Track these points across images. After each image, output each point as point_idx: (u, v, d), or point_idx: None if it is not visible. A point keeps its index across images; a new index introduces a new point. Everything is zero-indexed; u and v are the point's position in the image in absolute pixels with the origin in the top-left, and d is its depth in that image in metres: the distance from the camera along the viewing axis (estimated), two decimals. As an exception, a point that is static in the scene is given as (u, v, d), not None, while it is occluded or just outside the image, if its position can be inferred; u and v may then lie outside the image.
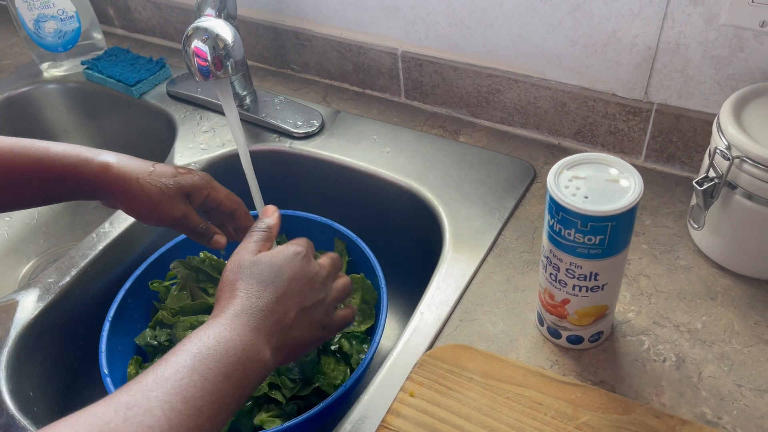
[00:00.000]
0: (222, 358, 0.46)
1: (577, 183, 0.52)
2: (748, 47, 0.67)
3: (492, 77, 0.85)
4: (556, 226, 0.52)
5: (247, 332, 0.49)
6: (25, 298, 0.73)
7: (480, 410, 0.55)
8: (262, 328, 0.50)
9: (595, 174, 0.52)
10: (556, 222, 0.52)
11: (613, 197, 0.50)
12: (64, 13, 1.04)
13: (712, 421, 0.55)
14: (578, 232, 0.51)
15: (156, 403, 0.40)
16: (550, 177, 0.52)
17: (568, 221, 0.51)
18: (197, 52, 0.67)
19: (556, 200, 0.50)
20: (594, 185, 0.51)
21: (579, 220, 0.50)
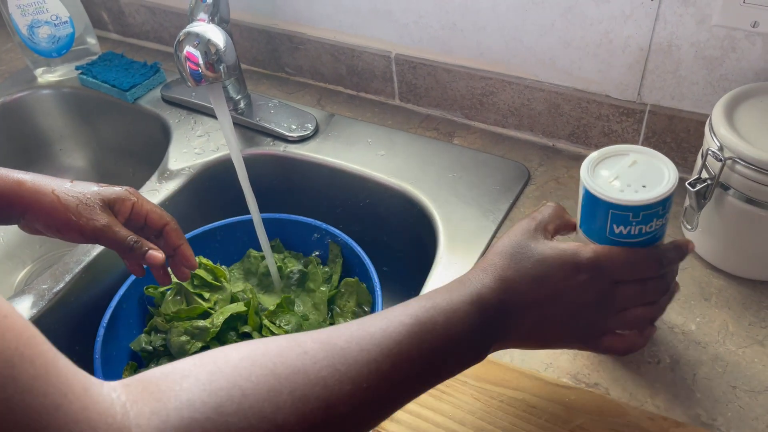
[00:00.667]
0: (443, 337, 0.43)
1: (610, 178, 0.49)
2: (740, 48, 0.67)
3: (486, 79, 0.85)
4: (635, 230, 0.48)
5: (474, 315, 0.45)
6: (18, 304, 0.72)
7: (474, 414, 0.55)
8: (503, 322, 0.47)
9: (620, 163, 0.50)
10: (635, 225, 0.48)
11: (654, 179, 0.48)
12: (58, 19, 1.04)
13: (707, 423, 0.55)
14: (658, 217, 0.48)
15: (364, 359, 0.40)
16: (590, 180, 0.49)
17: (650, 216, 0.48)
18: (189, 57, 0.66)
19: (635, 206, 0.47)
20: (627, 174, 0.49)
21: (660, 206, 0.47)
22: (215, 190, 0.91)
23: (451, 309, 0.45)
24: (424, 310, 0.44)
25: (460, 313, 0.45)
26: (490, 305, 0.46)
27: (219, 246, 0.83)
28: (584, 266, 0.47)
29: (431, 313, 0.44)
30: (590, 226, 0.51)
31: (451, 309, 0.45)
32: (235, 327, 0.72)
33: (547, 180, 0.80)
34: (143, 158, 1.06)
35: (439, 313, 0.44)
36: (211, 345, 0.69)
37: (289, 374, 0.37)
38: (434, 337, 0.43)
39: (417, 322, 0.43)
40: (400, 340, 0.42)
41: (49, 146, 1.14)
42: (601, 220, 0.49)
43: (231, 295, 0.78)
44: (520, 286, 0.47)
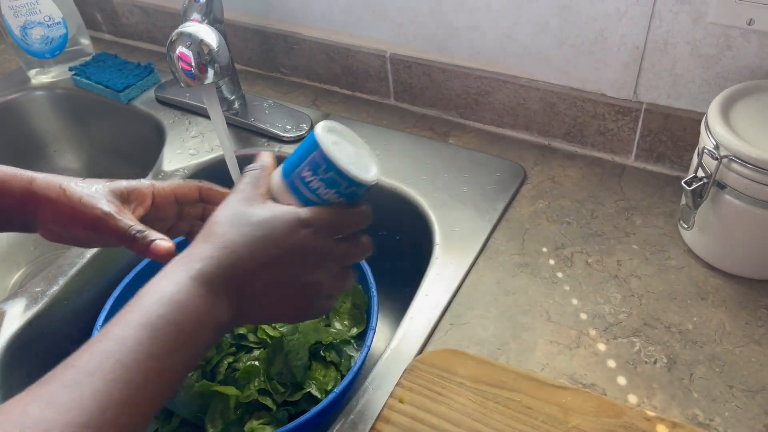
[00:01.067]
0: (175, 331, 0.41)
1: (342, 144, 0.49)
2: (735, 45, 0.67)
3: (481, 79, 0.84)
4: (314, 181, 0.47)
5: (207, 294, 0.43)
6: (12, 307, 0.72)
7: (470, 416, 0.55)
8: (226, 288, 0.44)
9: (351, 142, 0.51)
10: (318, 179, 0.47)
11: (366, 168, 0.49)
12: (51, 20, 1.04)
13: (704, 423, 0.55)
14: (337, 192, 0.48)
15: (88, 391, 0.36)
16: (322, 133, 0.48)
17: (334, 181, 0.47)
18: (182, 57, 0.66)
19: (332, 159, 0.46)
20: (349, 152, 0.49)
21: (346, 182, 0.47)
22: (210, 191, 0.90)
23: (179, 298, 0.42)
24: (154, 311, 0.41)
25: (189, 297, 0.42)
26: (216, 277, 0.44)
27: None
28: (306, 221, 0.47)
29: (161, 311, 0.41)
30: (291, 160, 0.50)
31: (179, 298, 0.42)
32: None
33: (542, 179, 0.80)
34: (137, 159, 1.06)
35: (168, 307, 0.42)
36: (205, 347, 0.69)
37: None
38: (169, 338, 0.41)
39: (150, 330, 0.40)
40: (131, 362, 0.39)
41: (43, 148, 1.14)
42: (301, 157, 0.48)
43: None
44: (245, 249, 0.45)
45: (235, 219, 0.47)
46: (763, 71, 0.67)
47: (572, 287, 0.67)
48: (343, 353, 0.74)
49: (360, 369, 0.66)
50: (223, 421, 0.66)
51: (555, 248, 0.71)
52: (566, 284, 0.67)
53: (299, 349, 0.68)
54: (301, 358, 0.68)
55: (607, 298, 0.65)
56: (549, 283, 0.67)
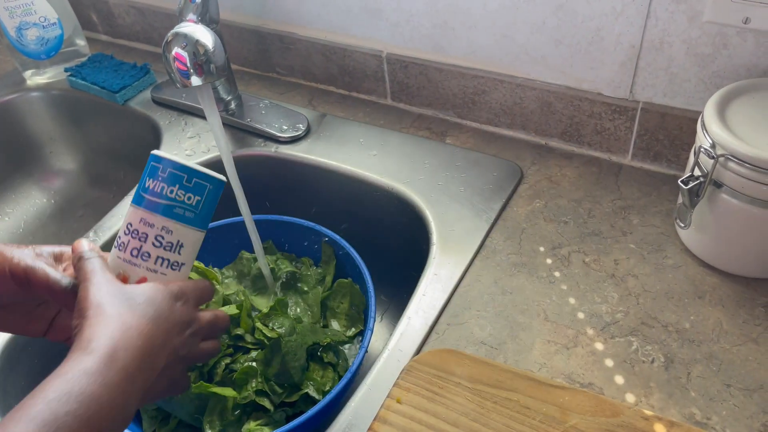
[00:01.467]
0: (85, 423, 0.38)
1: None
2: (731, 44, 0.67)
3: (477, 78, 0.84)
4: (157, 186, 0.50)
5: (121, 381, 0.41)
6: (8, 310, 0.72)
7: (468, 416, 0.55)
8: (136, 372, 0.42)
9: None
10: (161, 181, 0.50)
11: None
12: (46, 20, 1.04)
13: (701, 422, 0.55)
14: (183, 189, 0.50)
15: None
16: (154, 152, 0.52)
17: (175, 178, 0.50)
18: (177, 58, 0.66)
19: (164, 157, 0.50)
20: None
21: (187, 174, 0.50)
22: (207, 191, 0.90)
23: (90, 390, 0.39)
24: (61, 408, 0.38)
25: (101, 387, 0.40)
26: (125, 360, 0.42)
27: (211, 248, 0.82)
28: (178, 294, 0.48)
29: (68, 408, 0.38)
30: (137, 188, 0.52)
31: (90, 390, 0.39)
32: (227, 330, 0.71)
33: (539, 179, 0.80)
34: (134, 160, 1.05)
35: (76, 401, 0.38)
36: (202, 348, 0.69)
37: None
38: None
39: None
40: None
41: (39, 149, 1.13)
42: (143, 176, 0.52)
43: (223, 297, 0.77)
44: (142, 328, 0.44)
45: (120, 300, 0.45)
46: (759, 70, 0.67)
47: (569, 286, 0.67)
48: (341, 354, 0.74)
49: (357, 369, 0.66)
50: (221, 423, 0.66)
51: (552, 247, 0.71)
52: (563, 283, 0.67)
53: (297, 350, 0.68)
54: (299, 359, 0.68)
55: (605, 297, 0.65)
56: (546, 283, 0.67)
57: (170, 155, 0.50)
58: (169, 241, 0.51)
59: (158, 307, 0.46)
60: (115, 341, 0.42)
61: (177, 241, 0.52)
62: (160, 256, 0.51)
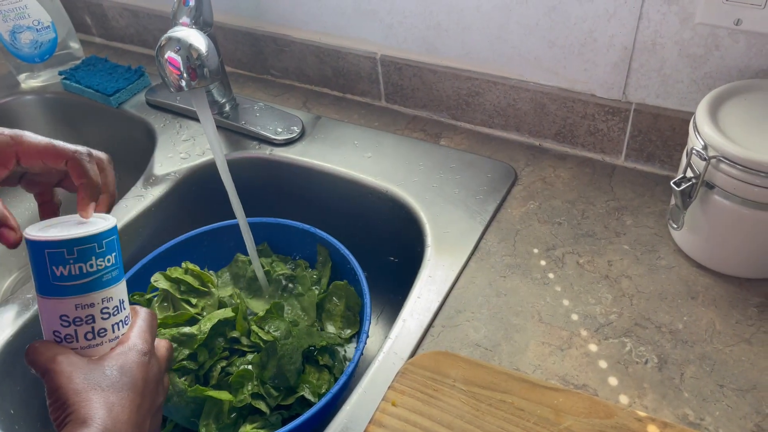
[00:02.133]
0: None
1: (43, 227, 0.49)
2: (723, 45, 0.67)
3: (471, 80, 0.85)
4: (73, 269, 0.47)
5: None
6: (3, 314, 0.72)
7: (462, 418, 0.55)
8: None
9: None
10: (73, 263, 0.47)
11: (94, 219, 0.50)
12: (40, 24, 1.03)
13: (695, 423, 0.55)
14: (98, 256, 0.48)
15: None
16: (28, 232, 0.47)
17: (87, 252, 0.47)
18: (171, 62, 0.66)
19: (60, 239, 0.46)
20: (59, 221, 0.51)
21: (96, 242, 0.47)
22: (202, 194, 0.90)
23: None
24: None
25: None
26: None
27: (206, 251, 0.83)
28: (143, 350, 0.48)
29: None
30: (39, 280, 0.48)
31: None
32: (223, 333, 0.72)
33: (533, 180, 0.80)
34: (128, 163, 1.05)
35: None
36: (198, 352, 0.69)
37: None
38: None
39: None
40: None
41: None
42: (42, 267, 0.47)
43: (218, 300, 0.77)
44: (126, 402, 0.45)
45: (96, 378, 0.45)
46: (751, 71, 0.68)
47: (563, 288, 0.67)
48: (337, 356, 0.74)
49: (353, 372, 0.67)
50: (217, 426, 0.66)
51: (546, 249, 0.71)
52: (557, 285, 0.67)
53: (293, 353, 0.68)
54: (295, 362, 0.68)
55: (598, 298, 0.66)
56: (540, 284, 0.68)
57: (58, 234, 0.46)
58: (114, 306, 0.49)
59: (133, 374, 0.46)
60: (105, 424, 0.42)
61: (119, 300, 0.50)
62: (114, 323, 0.49)
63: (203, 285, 0.77)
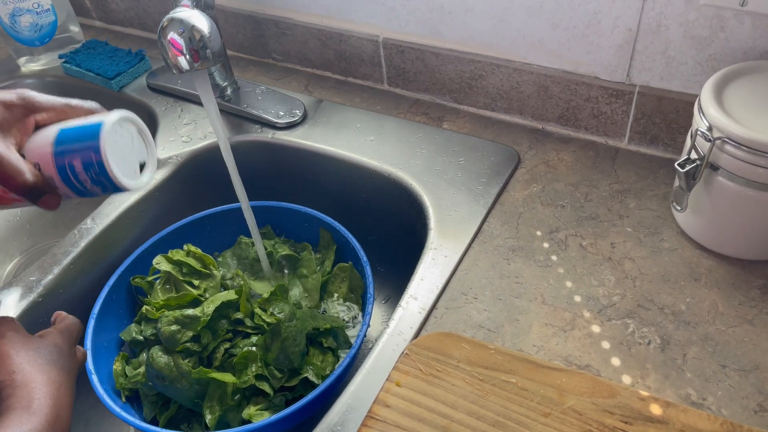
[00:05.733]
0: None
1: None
2: (728, 27, 0.67)
3: (474, 63, 0.84)
4: (83, 176, 0.48)
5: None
6: (6, 297, 0.72)
7: (466, 398, 0.55)
8: (68, 424, 0.45)
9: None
10: (88, 176, 0.48)
11: (135, 169, 0.51)
12: (40, 6, 1.03)
13: (697, 403, 0.55)
14: (101, 188, 0.49)
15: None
16: (107, 135, 0.47)
17: (102, 183, 0.48)
18: (173, 43, 0.66)
19: (106, 167, 0.47)
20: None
21: (112, 186, 0.49)
22: (204, 178, 0.90)
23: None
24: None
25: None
26: (59, 429, 0.44)
27: (209, 235, 0.83)
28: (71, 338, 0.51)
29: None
30: (69, 135, 0.48)
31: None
32: (226, 315, 0.72)
33: (536, 163, 0.80)
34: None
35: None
36: (202, 334, 0.69)
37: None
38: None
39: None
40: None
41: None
42: (80, 145, 0.48)
43: (221, 282, 0.78)
44: (65, 391, 0.46)
45: (39, 355, 0.46)
46: (756, 52, 0.67)
47: (566, 270, 0.67)
48: (340, 339, 0.74)
49: (356, 354, 0.67)
50: (221, 408, 0.67)
51: (549, 231, 0.71)
52: (560, 267, 0.67)
53: (296, 335, 0.69)
54: (299, 344, 0.69)
55: (601, 280, 0.66)
56: (543, 267, 0.68)
57: (113, 164, 0.48)
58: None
59: (66, 357, 0.48)
60: (54, 401, 0.43)
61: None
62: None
63: (205, 267, 0.78)
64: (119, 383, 0.71)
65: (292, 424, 0.65)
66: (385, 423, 0.54)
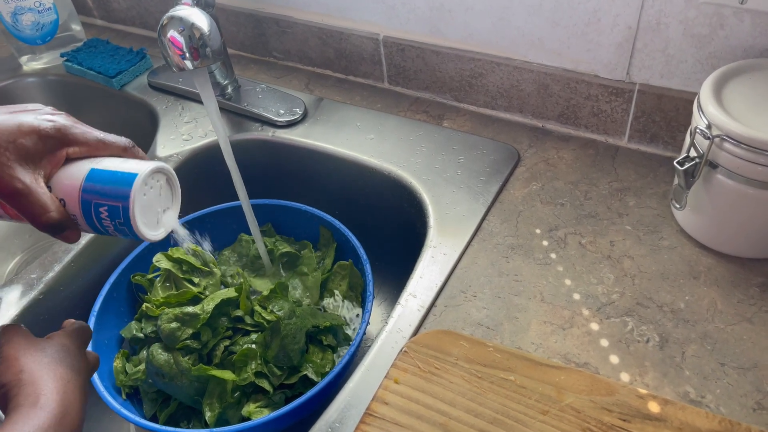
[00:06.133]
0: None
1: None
2: (728, 25, 0.67)
3: (474, 61, 0.84)
4: (107, 222, 0.48)
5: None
6: (8, 294, 0.72)
7: (464, 395, 0.56)
8: (79, 423, 0.45)
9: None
10: (111, 223, 0.48)
11: (157, 220, 0.51)
12: (42, 5, 1.03)
13: (696, 400, 0.55)
14: (120, 233, 0.49)
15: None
16: (138, 188, 0.47)
17: (123, 231, 0.48)
18: (173, 41, 0.66)
19: (131, 220, 0.47)
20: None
21: (132, 235, 0.49)
22: (205, 176, 0.90)
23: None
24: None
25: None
26: (66, 425, 0.44)
27: (210, 232, 0.83)
28: (82, 340, 0.51)
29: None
30: (102, 177, 0.48)
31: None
32: (226, 312, 0.72)
33: (536, 161, 0.80)
34: (131, 145, 1.05)
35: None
36: (202, 331, 0.69)
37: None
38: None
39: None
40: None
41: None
42: (110, 190, 0.47)
43: (220, 279, 0.78)
44: (72, 388, 0.46)
45: (46, 355, 0.47)
46: (756, 50, 0.67)
47: (566, 268, 0.67)
48: (340, 336, 0.75)
49: (355, 352, 0.67)
50: (221, 405, 0.67)
51: (549, 230, 0.71)
52: (560, 265, 0.68)
53: (296, 333, 0.69)
54: (298, 342, 0.69)
55: (600, 278, 0.66)
56: (543, 265, 0.68)
57: (138, 218, 0.48)
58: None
59: (74, 356, 0.48)
60: (61, 396, 0.44)
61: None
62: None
63: (205, 265, 0.78)
64: (119, 380, 0.71)
65: (291, 422, 0.66)
66: (383, 420, 0.54)
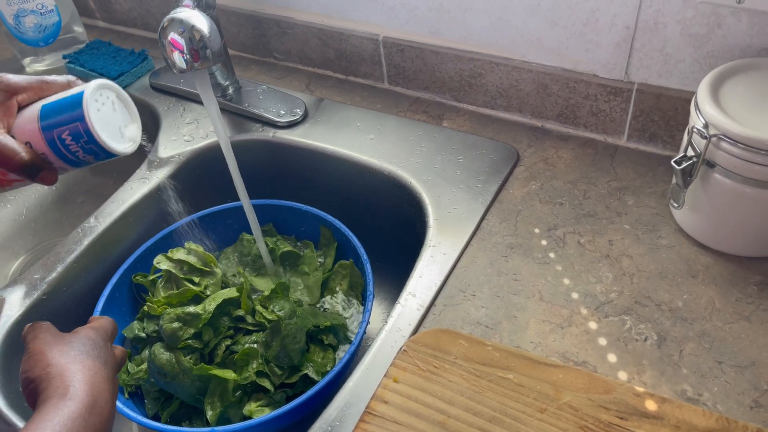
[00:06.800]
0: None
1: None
2: (725, 24, 0.67)
3: (474, 61, 0.85)
4: (74, 147, 0.50)
5: (100, 425, 0.44)
6: (11, 294, 0.73)
7: (463, 394, 0.56)
8: (109, 414, 0.46)
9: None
10: (78, 146, 0.50)
11: (121, 134, 0.53)
12: (44, 7, 1.04)
13: (693, 399, 0.56)
14: (94, 156, 0.52)
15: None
16: (89, 102, 0.50)
17: (94, 151, 0.51)
18: (173, 43, 0.66)
19: (93, 134, 0.49)
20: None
21: (104, 153, 0.51)
22: (206, 176, 0.90)
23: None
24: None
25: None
26: (97, 414, 0.45)
27: (211, 232, 0.83)
28: (108, 334, 0.52)
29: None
30: (53, 108, 0.51)
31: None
32: (228, 312, 0.73)
33: (536, 161, 0.80)
34: (133, 146, 1.06)
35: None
36: (203, 331, 0.70)
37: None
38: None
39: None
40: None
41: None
42: (65, 118, 0.50)
43: (221, 279, 0.78)
44: (100, 378, 0.47)
45: (75, 347, 0.48)
46: (753, 50, 0.67)
47: (564, 267, 0.68)
48: (340, 335, 0.75)
49: (356, 351, 0.67)
50: (222, 404, 0.67)
51: (547, 229, 0.72)
52: (558, 264, 0.68)
53: (297, 333, 0.69)
54: (299, 342, 0.69)
55: (599, 277, 0.66)
56: (541, 264, 0.68)
57: (99, 131, 0.50)
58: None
59: (101, 349, 0.49)
60: (90, 386, 0.45)
61: None
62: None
63: (206, 265, 0.78)
64: (122, 379, 0.72)
65: (292, 420, 0.66)
66: (382, 419, 0.55)
